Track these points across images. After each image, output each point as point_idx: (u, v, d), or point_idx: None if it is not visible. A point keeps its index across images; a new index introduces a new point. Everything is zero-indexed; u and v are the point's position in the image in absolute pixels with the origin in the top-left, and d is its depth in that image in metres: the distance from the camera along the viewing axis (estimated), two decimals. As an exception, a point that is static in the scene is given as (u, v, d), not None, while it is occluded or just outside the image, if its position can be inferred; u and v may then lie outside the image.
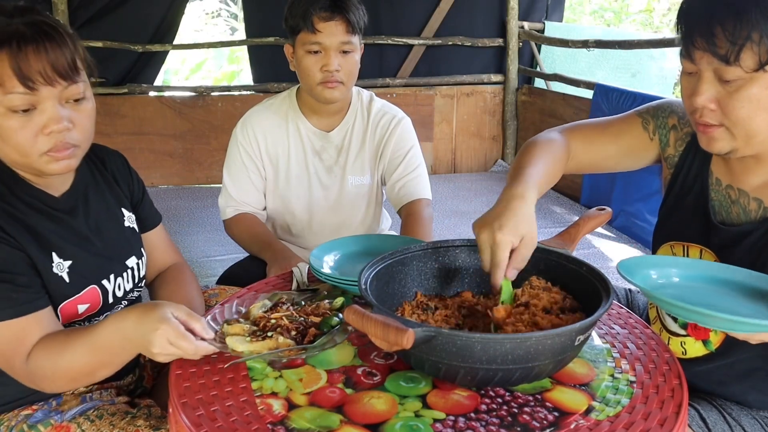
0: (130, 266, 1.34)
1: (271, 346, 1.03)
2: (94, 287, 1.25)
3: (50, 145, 1.13)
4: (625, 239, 3.57)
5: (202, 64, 7.39)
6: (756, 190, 1.15)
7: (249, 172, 1.88)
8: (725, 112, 1.06)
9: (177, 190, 4.53)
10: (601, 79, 4.61)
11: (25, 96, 1.09)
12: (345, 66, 1.75)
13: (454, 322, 1.09)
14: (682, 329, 1.24)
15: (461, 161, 5.09)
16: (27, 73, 1.08)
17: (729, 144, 1.09)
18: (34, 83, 1.09)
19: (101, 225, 1.31)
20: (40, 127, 1.12)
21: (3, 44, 1.07)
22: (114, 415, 1.16)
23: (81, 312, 1.22)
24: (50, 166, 1.15)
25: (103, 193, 1.35)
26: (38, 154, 1.13)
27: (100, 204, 1.33)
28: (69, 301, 1.20)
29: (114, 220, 1.35)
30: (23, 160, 1.15)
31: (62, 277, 1.20)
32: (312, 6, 1.70)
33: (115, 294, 1.29)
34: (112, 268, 1.30)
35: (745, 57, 1.00)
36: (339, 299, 1.20)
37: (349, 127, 1.92)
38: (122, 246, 1.34)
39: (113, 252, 1.32)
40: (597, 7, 9.29)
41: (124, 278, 1.32)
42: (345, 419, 0.89)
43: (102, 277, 1.27)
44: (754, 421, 1.16)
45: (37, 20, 1.12)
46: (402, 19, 4.79)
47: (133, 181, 1.44)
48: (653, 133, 1.32)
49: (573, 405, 0.92)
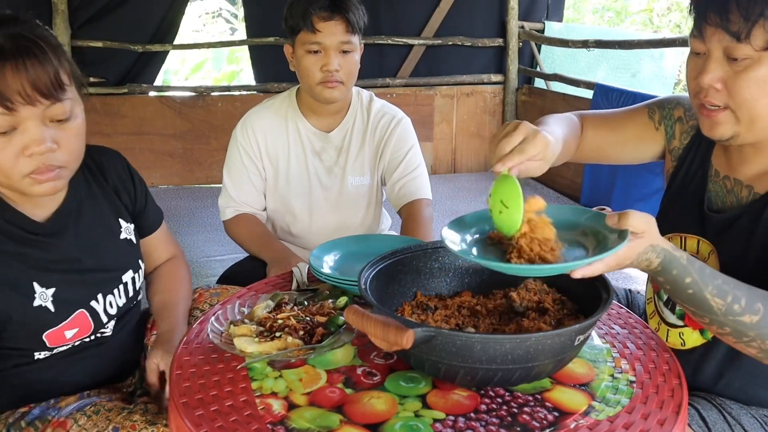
0: (124, 281, 1.30)
1: (280, 347, 1.03)
2: (82, 311, 1.22)
3: (32, 168, 1.07)
4: (625, 239, 3.56)
5: (202, 64, 7.39)
6: (750, 178, 1.17)
7: (249, 172, 1.88)
8: (731, 93, 1.06)
9: (177, 190, 4.53)
10: (601, 79, 4.61)
11: (3, 116, 1.02)
12: (345, 66, 1.75)
13: (454, 323, 1.09)
14: (680, 320, 1.25)
15: (461, 161, 5.09)
16: (4, 93, 1.01)
17: (732, 128, 1.09)
18: (13, 103, 1.02)
19: (95, 241, 1.26)
20: (20, 148, 1.05)
21: None
22: (111, 411, 1.16)
23: (69, 337, 1.20)
24: (33, 188, 1.10)
25: (99, 206, 1.30)
26: (20, 176, 1.08)
27: (95, 218, 1.28)
28: (55, 329, 1.18)
29: (110, 235, 1.31)
30: (6, 181, 1.09)
31: (46, 307, 1.16)
32: (312, 6, 1.70)
33: (108, 312, 1.27)
34: (102, 287, 1.26)
35: (756, 34, 1.01)
36: (342, 298, 1.20)
37: (348, 128, 1.92)
38: (117, 261, 1.30)
39: (106, 269, 1.27)
40: (599, 7, 9.29)
41: (116, 295, 1.28)
42: (345, 419, 0.89)
43: (90, 299, 1.23)
44: (754, 419, 1.17)
45: (17, 33, 1.04)
46: (402, 19, 4.79)
47: (134, 187, 1.39)
48: (659, 123, 1.33)
49: (573, 405, 0.92)
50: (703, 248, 1.22)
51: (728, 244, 1.17)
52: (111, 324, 1.29)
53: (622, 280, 3.02)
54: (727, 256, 1.18)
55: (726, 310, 0.97)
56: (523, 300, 1.09)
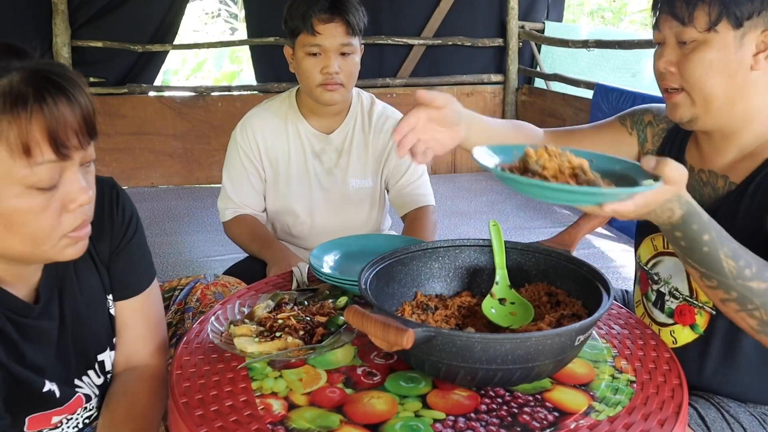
0: (100, 359, 1.08)
1: (280, 347, 1.04)
2: (80, 395, 1.04)
3: (77, 223, 0.89)
4: (625, 239, 3.57)
5: (202, 64, 7.40)
6: (723, 168, 1.20)
7: (248, 174, 1.88)
8: (683, 75, 1.13)
9: (177, 190, 4.53)
10: (601, 79, 4.61)
11: (55, 166, 0.84)
12: (345, 68, 1.75)
13: (454, 323, 1.09)
14: (670, 318, 1.26)
15: (461, 161, 5.09)
16: (62, 137, 0.83)
17: (689, 110, 1.15)
18: (68, 149, 0.84)
19: (80, 313, 1.04)
20: (64, 203, 0.87)
21: (23, 102, 0.80)
22: None
23: (53, 422, 1.01)
24: (67, 251, 0.90)
25: (82, 272, 1.05)
26: (59, 238, 0.88)
27: (80, 286, 1.04)
28: (47, 412, 0.99)
29: (97, 306, 1.08)
30: (33, 251, 0.88)
31: (53, 391, 0.98)
32: (311, 8, 1.70)
33: (86, 395, 1.07)
34: (84, 367, 1.06)
35: (698, 16, 1.09)
36: (342, 298, 1.20)
37: (349, 130, 1.92)
38: (96, 340, 1.07)
39: (86, 346, 1.05)
40: (596, 7, 9.29)
41: (94, 374, 1.08)
42: (345, 419, 0.89)
43: (74, 384, 1.04)
44: (752, 417, 1.17)
45: (46, 64, 0.85)
46: (402, 19, 4.80)
47: (113, 222, 1.07)
48: (631, 128, 1.39)
49: (573, 405, 0.92)
50: None
51: None
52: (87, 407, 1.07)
53: (621, 281, 3.03)
54: None
55: (737, 272, 0.97)
56: (540, 158, 0.92)
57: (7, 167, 0.81)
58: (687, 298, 1.23)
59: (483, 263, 1.20)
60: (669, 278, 1.27)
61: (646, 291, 1.34)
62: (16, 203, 0.83)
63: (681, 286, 1.24)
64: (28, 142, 0.80)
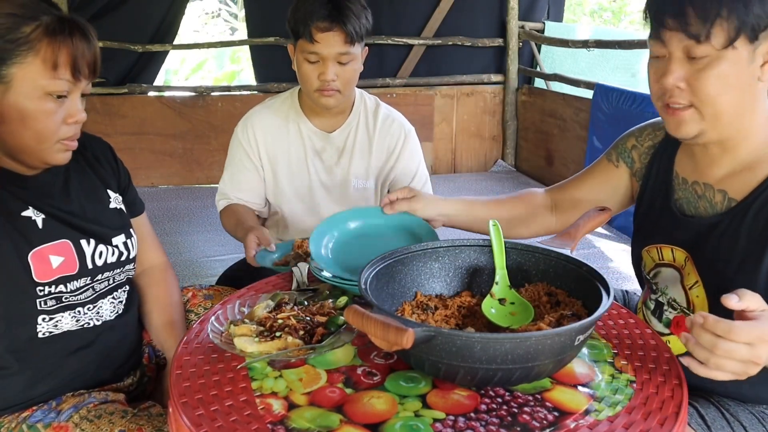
0: (115, 243, 1.31)
1: (280, 347, 1.04)
2: (67, 242, 1.23)
3: (70, 134, 1.18)
4: (625, 239, 3.57)
5: (203, 64, 7.40)
6: (720, 182, 1.17)
7: (247, 170, 1.89)
8: (694, 91, 1.08)
9: (177, 190, 4.53)
10: (601, 79, 4.61)
11: (68, 83, 1.14)
12: (342, 75, 1.76)
13: (454, 323, 1.09)
14: (666, 328, 1.26)
15: (461, 161, 5.09)
16: (79, 65, 1.14)
17: (697, 126, 1.11)
18: (80, 75, 1.15)
19: (83, 203, 1.30)
20: (65, 115, 1.16)
21: (60, 33, 1.12)
22: (113, 414, 1.16)
23: (55, 267, 1.20)
24: (59, 154, 1.19)
25: (86, 175, 1.34)
26: (55, 141, 1.17)
27: (83, 185, 1.32)
28: (40, 248, 1.19)
29: (98, 201, 1.34)
30: (36, 146, 1.16)
31: (35, 222, 1.20)
32: (311, 16, 1.69)
33: (95, 261, 1.27)
34: (93, 234, 1.27)
35: (716, 33, 1.03)
36: (342, 298, 1.20)
37: (351, 129, 1.92)
38: (110, 221, 1.33)
39: (98, 223, 1.30)
40: (596, 7, 9.29)
41: (108, 250, 1.29)
42: (345, 419, 0.89)
43: (80, 237, 1.25)
44: (752, 416, 1.17)
45: (72, 16, 1.18)
46: (402, 19, 4.80)
47: (118, 167, 1.43)
48: (617, 161, 1.40)
49: (573, 405, 0.92)
50: (678, 256, 1.23)
51: (706, 250, 1.17)
52: (99, 279, 1.28)
53: (621, 281, 3.03)
54: (704, 261, 1.18)
55: None
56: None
57: (38, 75, 1.12)
58: (684, 309, 1.23)
59: (483, 263, 1.20)
60: (666, 288, 1.27)
61: (645, 300, 1.34)
62: (35, 104, 1.13)
63: (679, 298, 1.24)
64: (56, 61, 1.12)
